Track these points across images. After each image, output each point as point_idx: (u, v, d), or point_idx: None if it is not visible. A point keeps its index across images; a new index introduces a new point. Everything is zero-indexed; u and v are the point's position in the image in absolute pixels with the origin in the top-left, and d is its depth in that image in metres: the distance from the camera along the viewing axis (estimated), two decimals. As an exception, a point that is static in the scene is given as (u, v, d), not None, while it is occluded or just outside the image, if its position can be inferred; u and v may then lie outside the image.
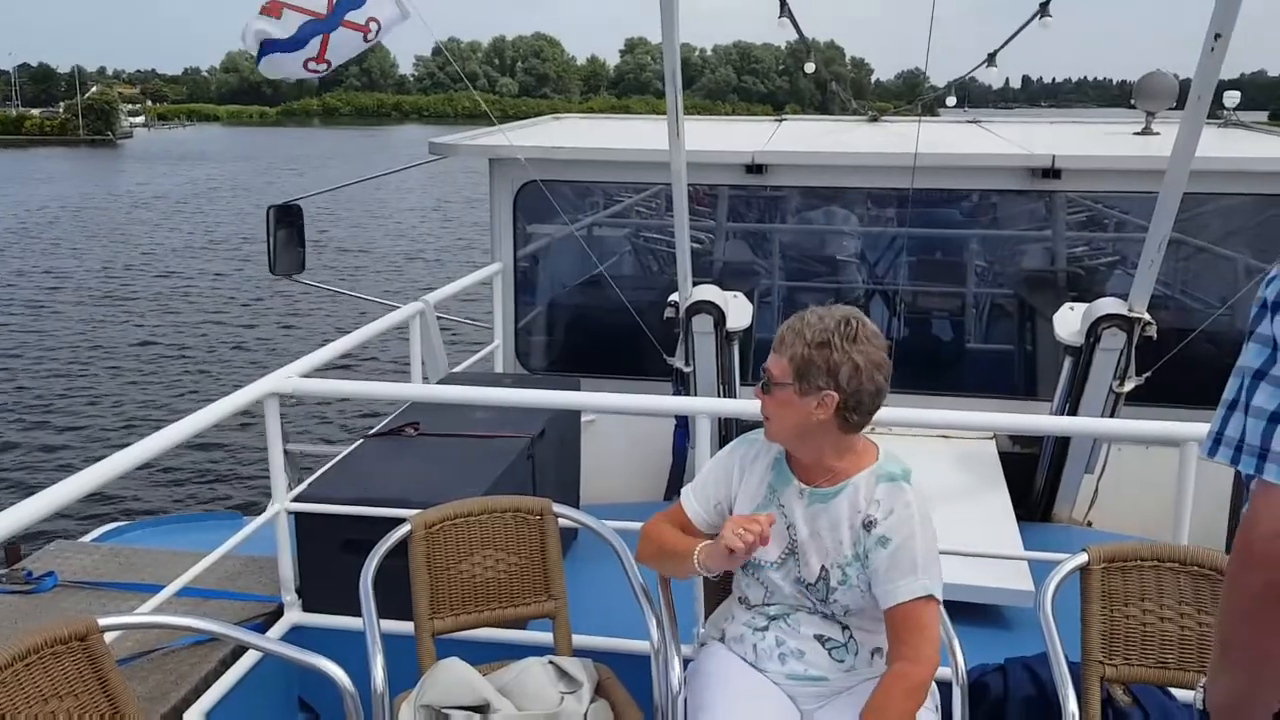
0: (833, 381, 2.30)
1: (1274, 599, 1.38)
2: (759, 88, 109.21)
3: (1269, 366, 1.41)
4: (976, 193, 5.97)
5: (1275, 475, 1.37)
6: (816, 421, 2.34)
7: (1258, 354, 1.42)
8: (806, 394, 2.32)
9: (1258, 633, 1.42)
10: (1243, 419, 1.43)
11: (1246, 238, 5.66)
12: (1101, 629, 2.67)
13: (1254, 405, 1.41)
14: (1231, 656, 1.48)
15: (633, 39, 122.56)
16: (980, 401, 5.33)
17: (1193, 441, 3.08)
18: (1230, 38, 3.55)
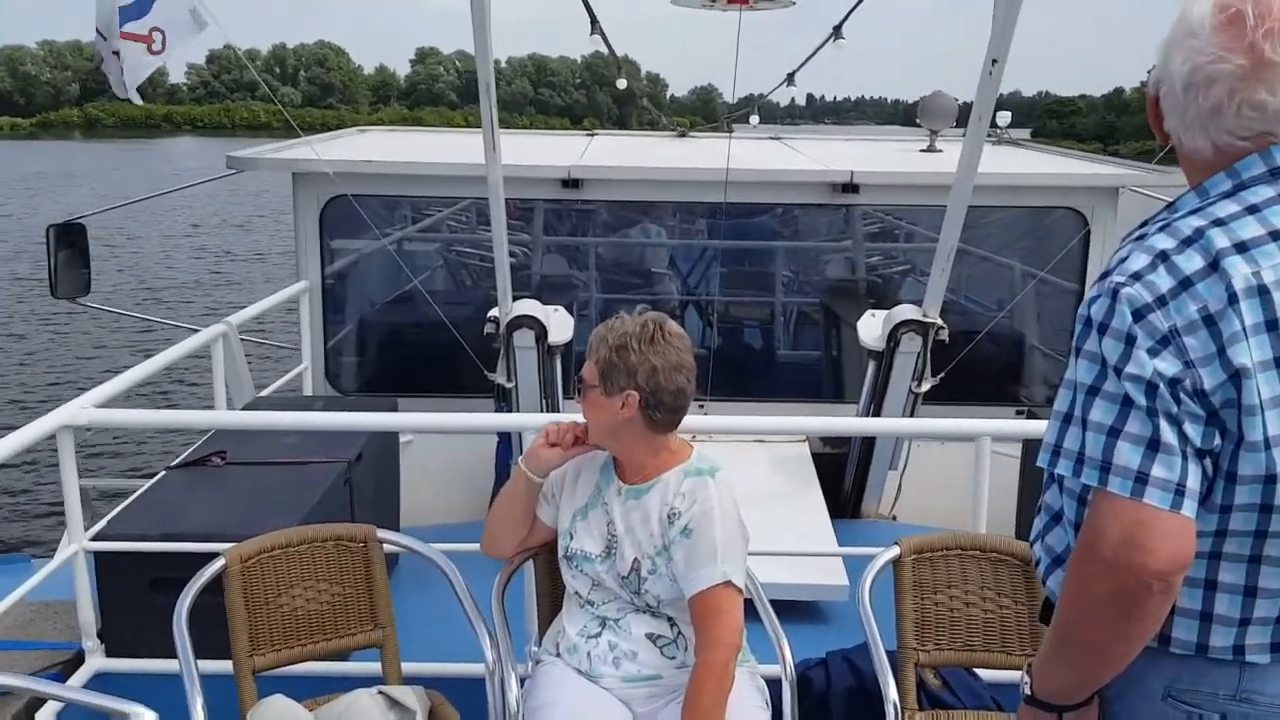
0: (632, 381, 2.46)
1: (1118, 603, 1.47)
2: (556, 101, 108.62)
3: (1100, 382, 1.49)
4: (784, 206, 6.22)
5: (1118, 487, 1.45)
6: (623, 420, 2.48)
7: (1088, 370, 1.51)
8: (611, 394, 2.47)
9: (1102, 632, 1.52)
10: (1080, 433, 1.50)
11: (1022, 247, 6.14)
12: (914, 617, 2.81)
13: (1091, 420, 1.49)
14: (1073, 651, 1.58)
15: (424, 49, 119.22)
16: (792, 406, 5.55)
17: (986, 436, 3.31)
18: (1005, 63, 3.85)
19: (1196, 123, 1.55)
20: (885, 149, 7.25)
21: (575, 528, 2.60)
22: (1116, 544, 1.44)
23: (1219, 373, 1.44)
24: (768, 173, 5.79)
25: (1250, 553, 1.52)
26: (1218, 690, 1.58)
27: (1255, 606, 1.54)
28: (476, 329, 4.92)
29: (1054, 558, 1.69)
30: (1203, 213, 1.53)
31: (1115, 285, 1.49)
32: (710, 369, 4.93)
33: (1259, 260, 1.46)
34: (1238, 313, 1.44)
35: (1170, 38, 1.56)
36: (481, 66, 3.75)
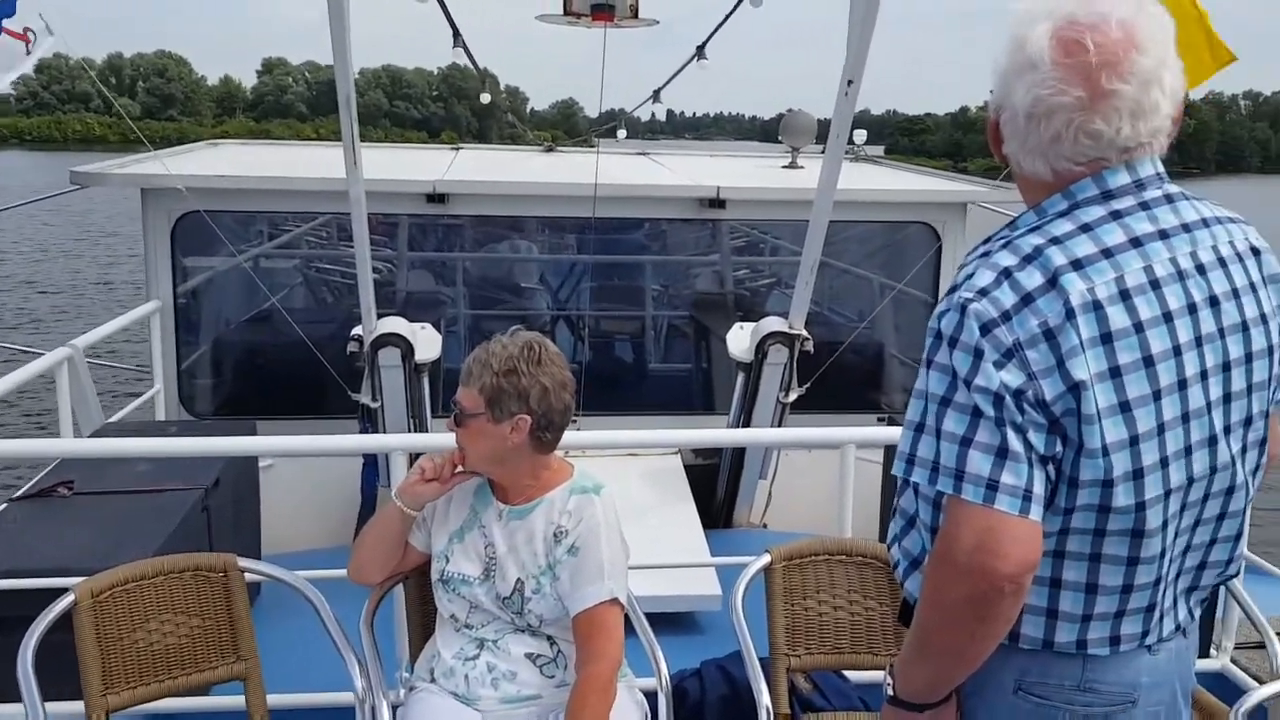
0: (524, 405, 2.42)
1: (973, 606, 1.52)
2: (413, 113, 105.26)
3: (951, 394, 1.53)
4: (652, 221, 6.29)
5: (972, 494, 1.50)
6: (512, 445, 2.44)
7: (939, 382, 1.55)
8: (500, 420, 2.42)
9: (959, 635, 1.57)
10: (934, 442, 1.54)
11: (879, 260, 6.37)
12: (785, 623, 2.86)
13: (945, 430, 1.53)
14: (933, 652, 1.63)
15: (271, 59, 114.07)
16: (664, 419, 5.60)
17: (850, 443, 3.40)
18: (861, 83, 4.00)
19: (1037, 149, 1.60)
20: (749, 165, 7.41)
21: (451, 551, 2.56)
22: (970, 549, 1.49)
23: (1059, 384, 1.50)
24: (636, 188, 5.84)
25: (1090, 551, 1.58)
26: (1064, 681, 1.65)
27: (1096, 603, 1.61)
28: (339, 348, 4.80)
29: (911, 560, 1.73)
30: (1041, 231, 1.58)
31: (964, 301, 1.54)
32: (582, 384, 4.91)
33: (1093, 277, 1.52)
34: (1075, 327, 1.50)
35: (1010, 67, 1.60)
36: (341, 79, 3.67)
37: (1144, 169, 1.61)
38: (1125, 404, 1.51)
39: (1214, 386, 1.59)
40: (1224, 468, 1.62)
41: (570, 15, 5.22)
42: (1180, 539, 1.63)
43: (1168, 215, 1.61)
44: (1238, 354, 1.60)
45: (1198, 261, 1.60)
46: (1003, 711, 1.68)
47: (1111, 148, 1.58)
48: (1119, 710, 1.66)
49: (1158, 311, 1.54)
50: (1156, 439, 1.54)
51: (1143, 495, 1.55)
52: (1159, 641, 1.67)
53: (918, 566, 1.71)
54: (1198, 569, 1.70)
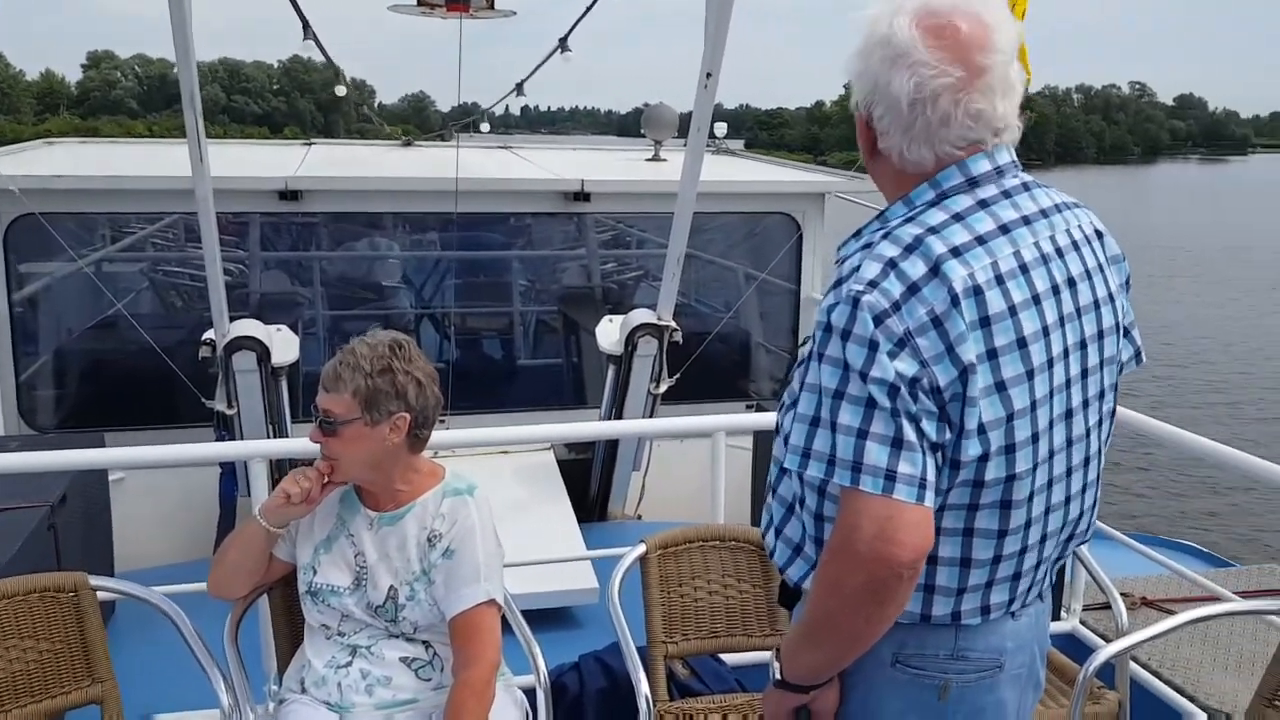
0: (403, 403, 2.37)
1: (873, 592, 1.55)
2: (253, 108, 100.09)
3: (845, 386, 1.54)
4: (516, 216, 6.23)
5: (869, 485, 1.52)
6: (390, 447, 2.39)
7: (832, 375, 1.55)
8: (378, 422, 2.36)
9: (857, 620, 1.60)
10: (829, 435, 1.55)
11: (744, 250, 6.48)
12: (662, 611, 2.88)
13: (840, 423, 1.54)
14: (828, 637, 1.65)
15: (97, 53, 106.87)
16: (535, 415, 5.57)
17: (721, 431, 3.45)
18: (719, 76, 4.05)
19: (924, 135, 1.62)
20: (613, 158, 7.42)
21: (318, 562, 2.48)
22: (871, 539, 1.52)
23: (950, 369, 1.54)
24: (499, 181, 5.78)
25: (964, 526, 1.64)
26: (938, 652, 1.71)
27: (969, 576, 1.67)
28: (191, 353, 4.59)
29: (794, 547, 1.76)
30: (917, 221, 1.61)
31: (854, 293, 1.55)
32: (450, 382, 4.85)
33: (971, 263, 1.57)
34: (960, 312, 1.54)
35: (880, 62, 1.62)
36: (184, 73, 3.50)
37: (1002, 156, 1.67)
38: (1001, 384, 1.57)
39: (1073, 363, 1.67)
40: (1079, 440, 1.71)
41: (424, 5, 5.11)
42: (1044, 509, 1.70)
43: (1027, 202, 1.68)
44: (1091, 331, 1.69)
45: (1056, 245, 1.67)
46: (881, 684, 1.73)
47: (988, 128, 1.63)
48: (987, 675, 1.73)
49: (1028, 295, 1.61)
50: (1029, 415, 1.60)
51: (1014, 469, 1.61)
52: (1022, 607, 1.75)
53: (800, 553, 1.75)
54: (1059, 537, 1.77)
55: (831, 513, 1.65)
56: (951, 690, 1.71)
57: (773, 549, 1.82)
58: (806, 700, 1.76)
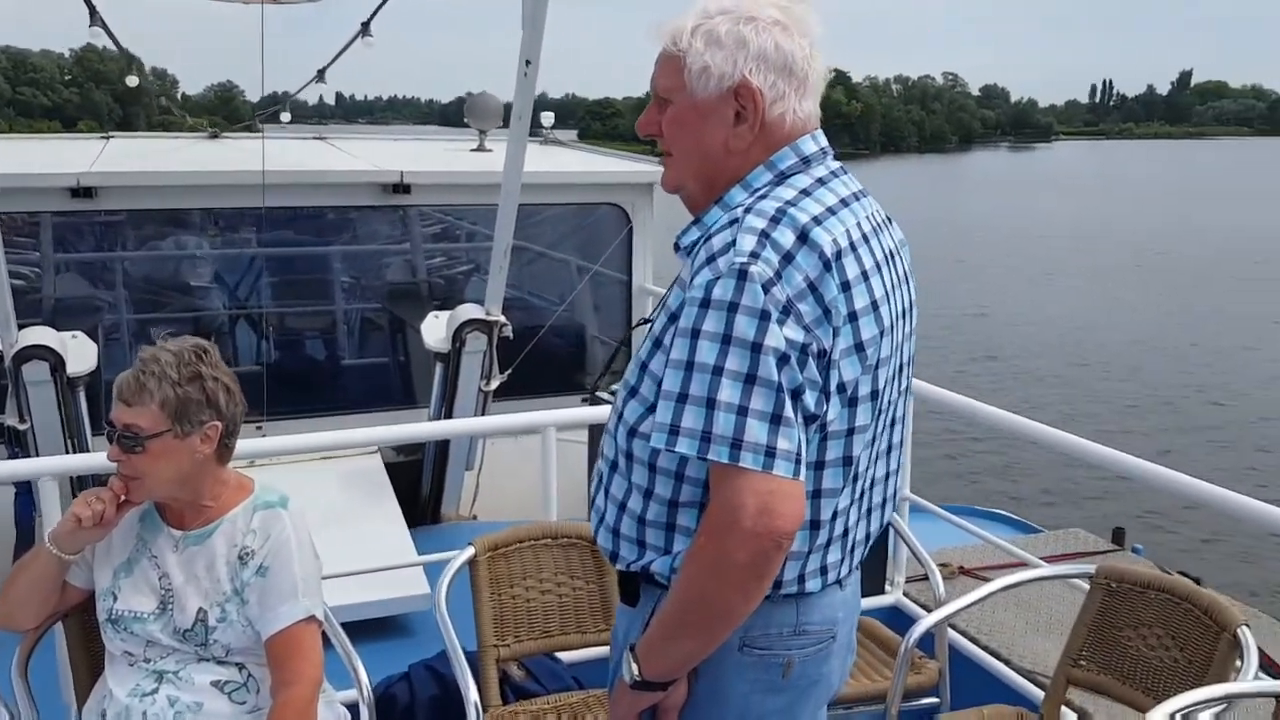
0: (214, 411, 2.25)
1: (756, 567, 1.57)
2: (42, 100, 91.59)
3: (724, 361, 1.55)
4: (333, 209, 5.99)
5: (750, 462, 1.53)
6: (200, 459, 2.26)
7: (711, 350, 1.55)
8: (189, 434, 2.23)
9: (736, 597, 1.61)
10: (705, 411, 1.54)
11: (575, 242, 6.44)
12: (493, 614, 2.83)
13: (719, 399, 1.54)
14: (704, 622, 1.64)
15: None
16: (362, 417, 5.37)
17: (551, 426, 3.41)
18: (539, 63, 3.99)
19: (814, 89, 1.73)
20: (436, 148, 7.25)
21: (119, 587, 2.30)
22: (755, 514, 1.53)
23: (829, 332, 1.59)
24: (310, 174, 5.53)
25: (813, 488, 1.67)
26: (782, 629, 1.74)
27: (816, 538, 1.71)
28: None
29: (638, 540, 1.75)
30: (771, 196, 1.66)
31: (741, 265, 1.55)
32: (265, 386, 4.63)
33: (832, 230, 1.63)
34: (831, 277, 1.60)
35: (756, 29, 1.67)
36: None
37: (822, 139, 1.76)
38: (860, 345, 1.64)
39: (901, 328, 1.77)
40: (895, 401, 1.80)
41: (225, -11, 4.84)
42: (868, 465, 1.77)
43: (849, 182, 1.77)
44: (906, 303, 1.81)
45: (875, 223, 1.77)
46: (729, 670, 1.74)
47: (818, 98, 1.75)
48: (824, 647, 1.79)
49: (872, 262, 1.69)
50: (873, 373, 1.68)
51: (854, 422, 1.67)
52: (848, 575, 1.82)
53: (646, 545, 1.73)
54: (880, 495, 1.85)
55: (688, 497, 1.67)
56: (794, 666, 1.76)
57: (612, 548, 1.80)
58: (661, 698, 1.75)
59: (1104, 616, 2.74)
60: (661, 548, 1.72)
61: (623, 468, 1.76)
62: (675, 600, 1.67)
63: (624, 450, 1.75)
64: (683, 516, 1.69)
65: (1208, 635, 2.53)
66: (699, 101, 1.71)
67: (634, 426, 1.72)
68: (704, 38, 1.69)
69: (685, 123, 1.74)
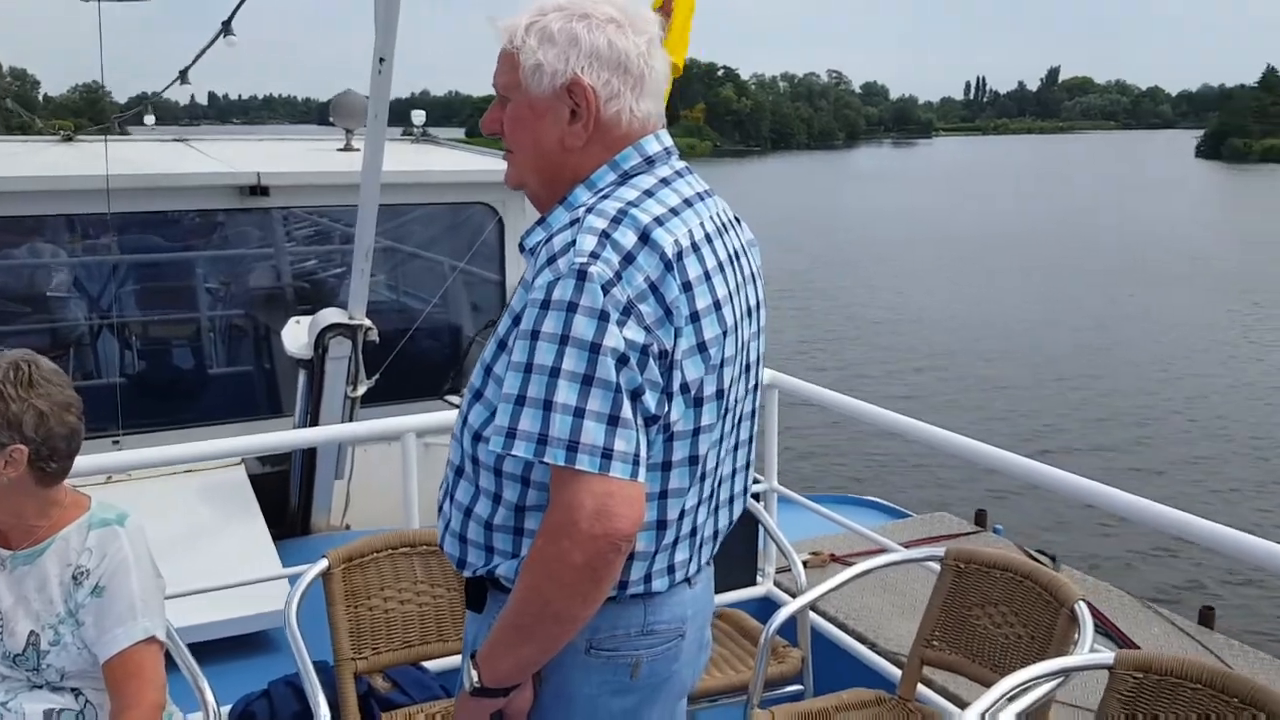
0: (17, 435, 2.11)
1: (593, 570, 1.55)
2: None
3: (561, 363, 1.53)
4: (195, 213, 5.78)
5: (587, 464, 1.52)
6: (8, 481, 2.13)
7: (549, 352, 1.54)
8: None
9: (574, 601, 1.58)
10: (542, 413, 1.53)
11: (447, 241, 6.34)
12: (350, 626, 2.75)
13: (556, 401, 1.52)
14: (543, 627, 1.62)
15: None
16: (226, 428, 5.19)
17: (410, 432, 3.34)
18: (394, 60, 3.91)
19: (652, 89, 1.71)
20: (298, 149, 7.05)
21: None
22: (592, 516, 1.52)
23: (670, 333, 1.59)
24: (160, 177, 5.31)
25: (660, 489, 1.67)
26: (629, 629, 1.73)
27: (663, 537, 1.71)
28: None
29: (486, 546, 1.73)
30: (614, 196, 1.65)
31: (580, 266, 1.54)
32: (119, 400, 4.45)
33: (674, 230, 1.63)
34: (672, 277, 1.59)
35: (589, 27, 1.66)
36: None
37: (666, 139, 1.76)
38: (702, 344, 1.64)
39: (747, 327, 1.78)
40: (743, 399, 1.81)
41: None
42: (716, 464, 1.77)
43: (694, 182, 1.77)
44: (753, 302, 1.82)
45: (720, 223, 1.77)
46: (575, 672, 1.73)
47: (661, 102, 1.74)
48: (673, 645, 1.78)
49: (715, 262, 1.69)
50: (717, 373, 1.68)
51: (700, 422, 1.67)
52: (697, 572, 1.82)
53: (494, 550, 1.72)
54: (728, 493, 1.85)
55: (535, 501, 1.65)
56: (642, 666, 1.75)
57: (459, 554, 1.77)
58: (504, 704, 1.73)
59: (954, 597, 2.83)
60: (509, 552, 1.71)
61: (469, 472, 1.74)
62: (513, 604, 1.65)
63: (470, 455, 1.73)
64: (530, 521, 1.67)
65: (1049, 611, 2.62)
66: (534, 99, 1.70)
67: (478, 431, 1.70)
68: (537, 35, 1.68)
69: (522, 120, 1.73)
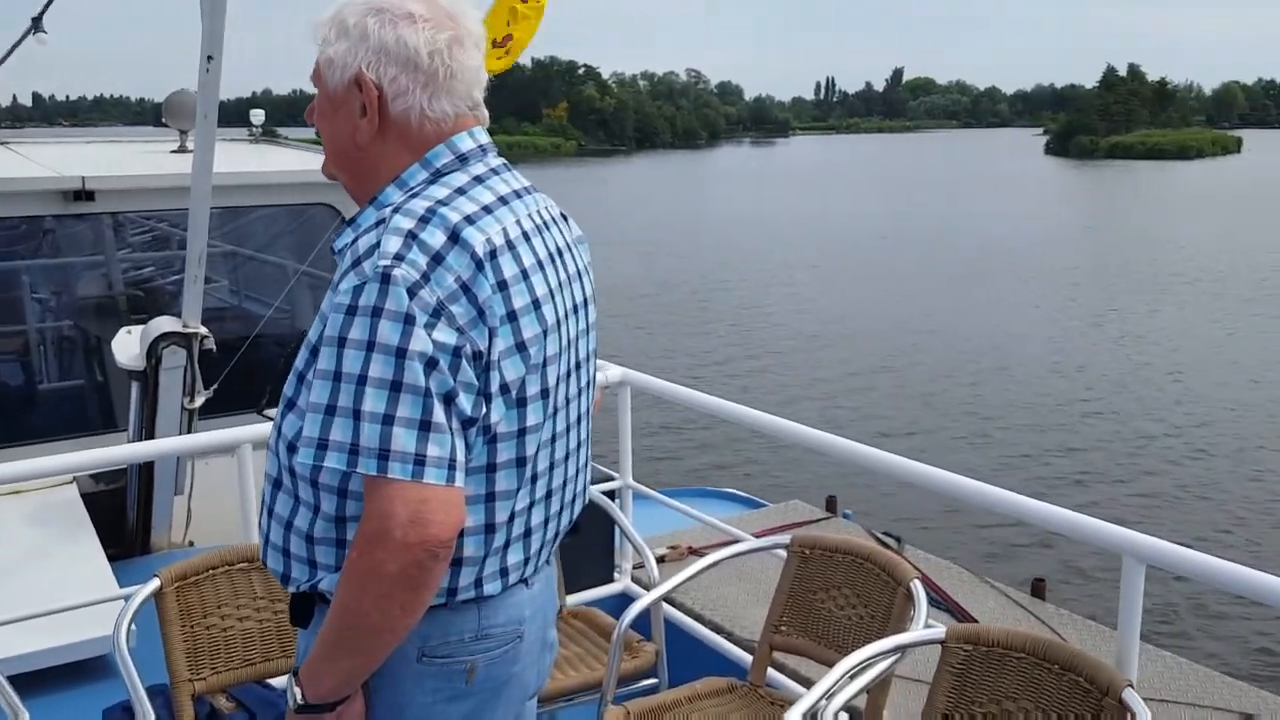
0: None
1: (410, 578, 1.52)
2: None
3: (367, 369, 1.49)
4: (12, 220, 5.43)
5: (399, 472, 1.49)
6: None
7: (357, 359, 1.51)
8: None
9: (394, 611, 1.54)
10: (351, 423, 1.50)
11: (290, 244, 6.13)
12: (186, 647, 2.66)
13: (365, 410, 1.50)
14: (362, 639, 1.58)
15: None
16: (57, 445, 4.90)
17: (247, 444, 3.23)
18: (222, 59, 3.77)
19: (446, 87, 1.67)
20: (129, 151, 6.71)
21: None
22: (407, 524, 1.49)
23: (484, 334, 1.57)
24: None
25: (485, 491, 1.65)
26: (463, 635, 1.70)
27: (492, 541, 1.68)
28: None
29: (308, 560, 1.69)
30: (422, 195, 1.62)
31: (384, 269, 1.51)
32: None
33: (486, 229, 1.60)
34: (485, 277, 1.57)
35: (381, 22, 1.64)
36: None
37: (481, 135, 1.74)
38: (522, 344, 1.62)
39: (573, 325, 1.77)
40: (575, 398, 1.80)
41: None
42: (549, 464, 1.76)
43: (512, 179, 1.76)
44: (580, 299, 1.81)
45: (542, 219, 1.76)
46: (407, 682, 1.69)
47: (478, 93, 1.72)
48: (511, 648, 1.76)
49: (534, 260, 1.67)
50: (540, 372, 1.67)
51: (525, 422, 1.66)
52: (535, 573, 1.80)
53: (317, 565, 1.68)
54: (563, 494, 1.84)
55: (354, 512, 1.61)
56: (478, 671, 1.72)
57: (283, 570, 1.73)
58: (333, 719, 1.67)
59: (800, 582, 2.90)
60: (332, 565, 1.67)
61: (287, 485, 1.69)
62: (332, 618, 1.61)
63: (286, 467, 1.69)
64: (350, 532, 1.63)
65: (888, 591, 2.71)
66: (331, 93, 1.70)
67: (293, 442, 1.65)
68: (335, 29, 1.68)
69: (323, 114, 1.74)
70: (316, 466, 1.55)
